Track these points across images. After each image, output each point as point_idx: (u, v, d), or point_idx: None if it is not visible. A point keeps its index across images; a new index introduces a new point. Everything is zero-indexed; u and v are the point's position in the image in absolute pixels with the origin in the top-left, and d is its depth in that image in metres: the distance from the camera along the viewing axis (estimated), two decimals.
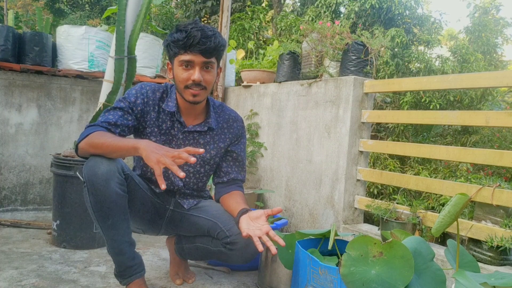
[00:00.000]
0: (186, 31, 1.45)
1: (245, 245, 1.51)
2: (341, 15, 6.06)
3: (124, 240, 1.48)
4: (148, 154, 1.26)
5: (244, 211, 1.49)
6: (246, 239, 1.44)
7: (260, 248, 1.31)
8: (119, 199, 1.41)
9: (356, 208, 2.30)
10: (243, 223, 1.44)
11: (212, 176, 1.78)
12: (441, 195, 2.80)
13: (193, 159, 1.23)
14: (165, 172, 1.64)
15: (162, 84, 1.66)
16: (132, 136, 1.65)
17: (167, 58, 1.59)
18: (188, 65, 1.48)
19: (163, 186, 1.20)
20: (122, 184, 1.42)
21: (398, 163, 3.66)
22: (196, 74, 1.47)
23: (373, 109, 2.38)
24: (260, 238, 1.34)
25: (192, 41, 1.43)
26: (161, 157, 1.24)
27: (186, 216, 1.70)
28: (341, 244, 1.61)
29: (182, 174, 1.20)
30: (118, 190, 1.40)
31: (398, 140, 3.90)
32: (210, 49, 1.46)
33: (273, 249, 1.31)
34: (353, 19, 5.46)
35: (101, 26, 3.39)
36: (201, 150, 1.27)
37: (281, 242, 1.34)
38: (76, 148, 1.46)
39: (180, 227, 1.73)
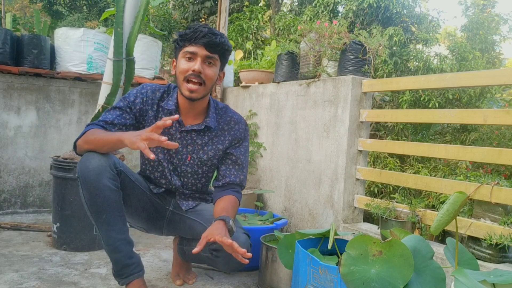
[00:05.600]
0: (195, 27, 1.53)
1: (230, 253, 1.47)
2: (339, 15, 6.06)
3: (119, 238, 1.47)
4: (131, 140, 1.29)
5: (219, 220, 1.45)
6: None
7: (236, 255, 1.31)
8: (112, 194, 1.43)
9: (355, 207, 2.31)
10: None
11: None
12: (441, 193, 2.80)
13: (163, 138, 1.23)
14: (162, 171, 1.67)
15: (165, 85, 1.68)
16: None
17: (172, 57, 1.63)
18: (191, 57, 1.52)
19: (151, 156, 1.21)
20: (114, 179, 1.45)
21: (398, 161, 3.66)
22: (197, 65, 1.51)
23: (372, 108, 2.39)
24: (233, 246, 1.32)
25: (199, 34, 1.50)
26: (142, 134, 1.27)
27: (183, 218, 1.71)
28: (341, 244, 1.61)
29: (152, 156, 1.20)
30: (109, 185, 1.42)
31: (397, 139, 3.90)
32: (215, 44, 1.51)
33: (245, 256, 1.31)
34: (351, 18, 5.45)
35: (99, 28, 3.40)
36: (175, 144, 1.27)
37: (247, 254, 1.33)
38: (75, 146, 1.51)
39: (178, 229, 1.74)
